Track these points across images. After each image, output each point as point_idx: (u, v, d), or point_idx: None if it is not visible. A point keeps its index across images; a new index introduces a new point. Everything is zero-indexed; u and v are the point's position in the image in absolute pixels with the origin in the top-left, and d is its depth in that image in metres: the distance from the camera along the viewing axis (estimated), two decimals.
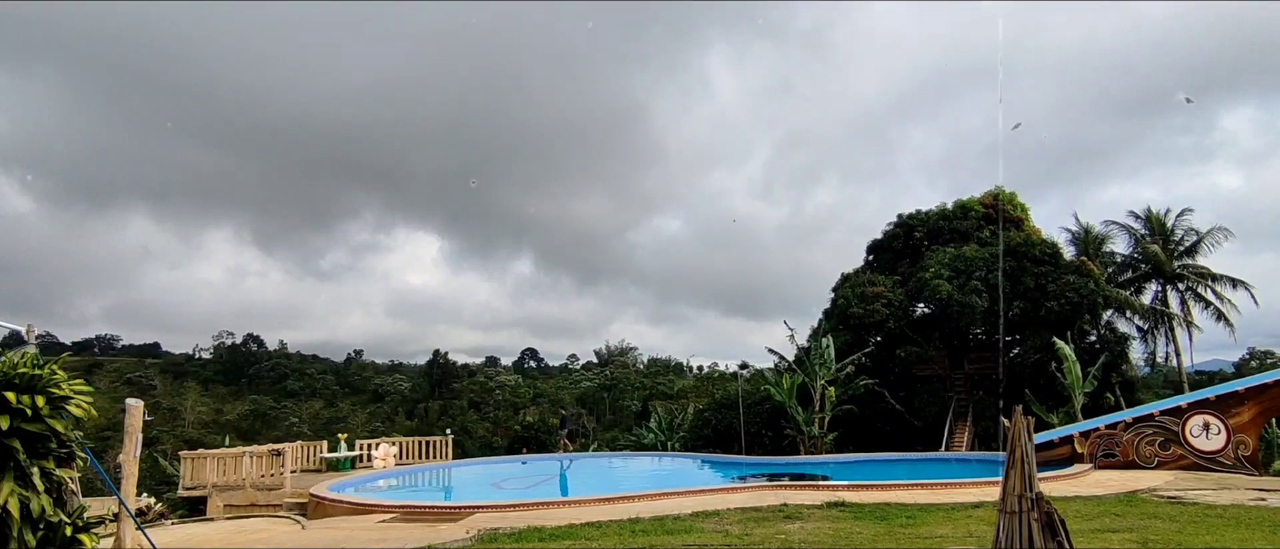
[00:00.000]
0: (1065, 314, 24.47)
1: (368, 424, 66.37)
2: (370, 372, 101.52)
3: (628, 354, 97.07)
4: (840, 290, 28.98)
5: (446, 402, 76.69)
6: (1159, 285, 33.63)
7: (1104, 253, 34.10)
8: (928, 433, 25.73)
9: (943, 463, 20.89)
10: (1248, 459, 16.02)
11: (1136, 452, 16.69)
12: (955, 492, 12.56)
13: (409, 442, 23.68)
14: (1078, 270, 25.70)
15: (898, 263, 29.67)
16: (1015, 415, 5.36)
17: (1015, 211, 29.70)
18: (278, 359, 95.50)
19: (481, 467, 23.52)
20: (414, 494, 18.12)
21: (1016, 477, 5.30)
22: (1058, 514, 5.12)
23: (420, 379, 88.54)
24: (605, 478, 21.73)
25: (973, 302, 24.83)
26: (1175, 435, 16.49)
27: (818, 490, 13.23)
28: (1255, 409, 16.44)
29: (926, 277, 26.13)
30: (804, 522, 9.89)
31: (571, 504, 12.24)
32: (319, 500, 14.00)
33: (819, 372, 23.69)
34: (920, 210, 30.77)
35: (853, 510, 10.74)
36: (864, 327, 26.89)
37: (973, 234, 28.67)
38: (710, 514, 10.70)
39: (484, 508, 12.24)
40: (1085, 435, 17.30)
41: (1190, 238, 33.04)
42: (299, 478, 18.33)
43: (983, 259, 26.03)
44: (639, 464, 25.02)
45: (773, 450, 25.55)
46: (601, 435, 55.01)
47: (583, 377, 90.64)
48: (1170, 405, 17.02)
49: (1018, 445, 5.32)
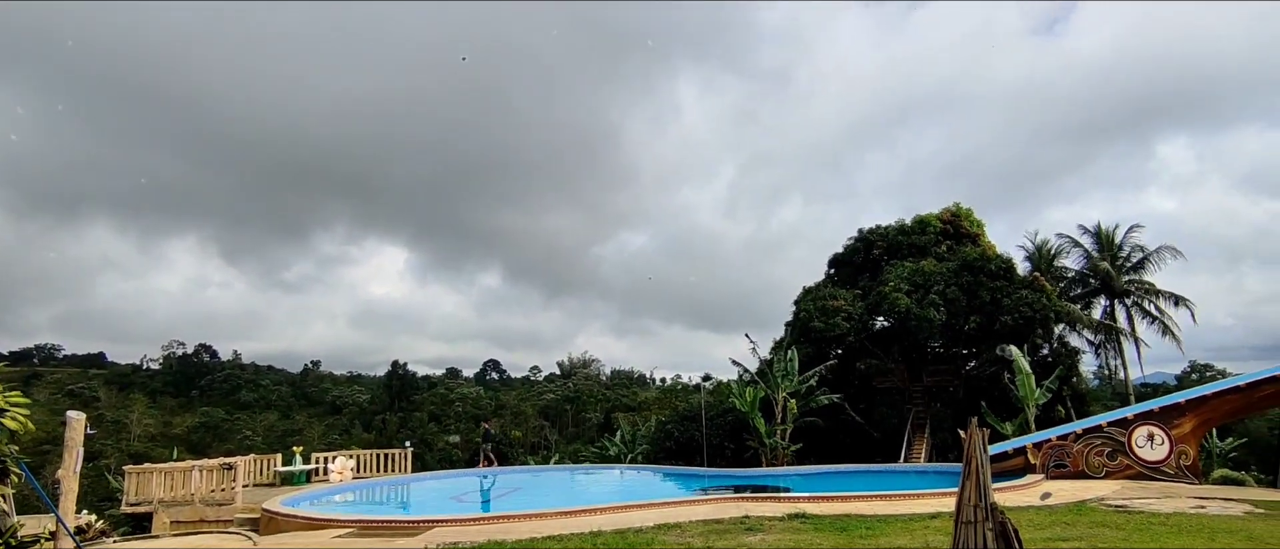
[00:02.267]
0: (1019, 328, 25.10)
1: (325, 437, 64.83)
2: (328, 383, 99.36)
3: (591, 366, 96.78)
4: (802, 304, 29.33)
5: (406, 414, 75.36)
6: (1108, 301, 34.74)
7: (1056, 268, 35.13)
8: (887, 444, 26.09)
9: (901, 474, 21.18)
10: (1188, 468, 16.58)
11: (1086, 462, 17.14)
12: (913, 503, 12.73)
13: (367, 455, 23.18)
14: (1031, 286, 26.41)
15: (858, 277, 30.13)
16: (971, 428, 5.48)
17: (971, 227, 30.43)
18: (231, 370, 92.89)
19: (441, 480, 23.14)
20: (371, 508, 17.72)
21: (972, 488, 5.40)
22: (1011, 524, 5.23)
23: (379, 391, 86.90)
24: (567, 491, 21.55)
25: (931, 315, 25.33)
26: (1122, 446, 16.99)
27: (779, 502, 13.29)
28: (1195, 420, 17.05)
29: (886, 290, 26.59)
30: (765, 533, 9.92)
31: (533, 517, 12.09)
32: (272, 516, 13.60)
33: (781, 384, 23.89)
34: (880, 225, 31.34)
35: (813, 522, 10.82)
36: (825, 340, 27.22)
37: (931, 249, 29.28)
38: (672, 527, 10.68)
39: (443, 522, 12.02)
40: (1038, 447, 17.71)
41: (1138, 254, 34.24)
42: (251, 493, 17.79)
43: (940, 273, 26.59)
44: (601, 477, 24.87)
45: (735, 462, 25.64)
46: (563, 448, 54.63)
47: (545, 388, 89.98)
48: (1117, 417, 17.54)
49: (973, 457, 5.43)
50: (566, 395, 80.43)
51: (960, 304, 26.03)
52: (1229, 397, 17.41)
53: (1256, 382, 17.23)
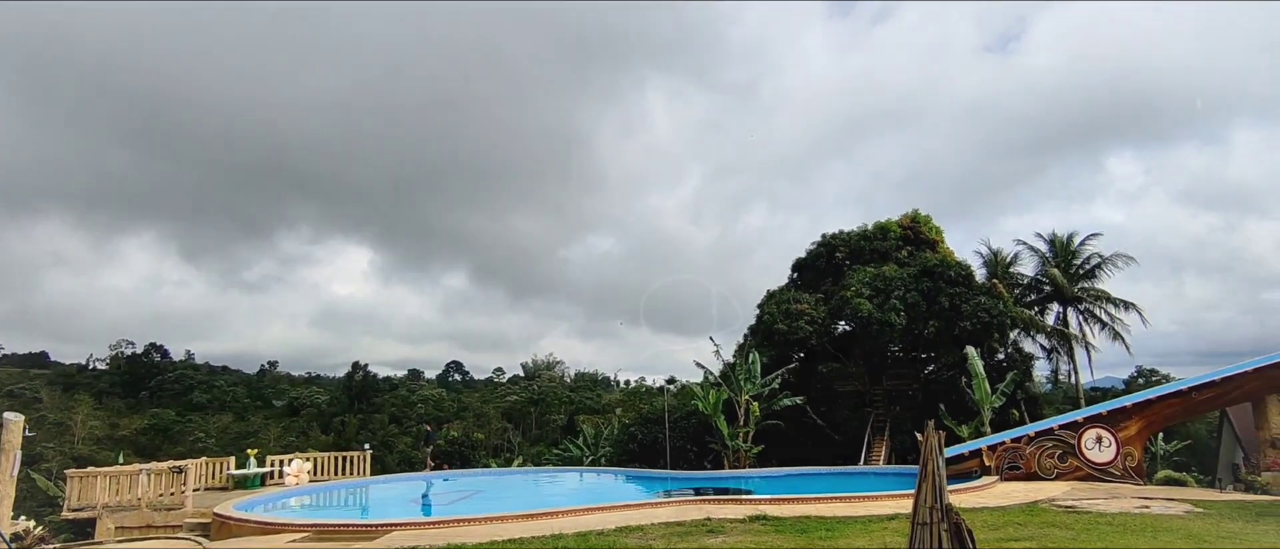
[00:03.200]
0: (977, 333, 25.64)
1: (281, 439, 63.29)
2: (285, 384, 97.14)
3: (555, 368, 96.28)
4: (766, 307, 29.57)
5: (366, 415, 74.05)
6: (1061, 307, 35.70)
7: (1012, 274, 35.98)
8: (847, 447, 26.43)
9: (861, 476, 21.48)
10: (1134, 470, 17.14)
11: (1038, 464, 17.59)
12: (872, 504, 12.92)
13: (324, 457, 22.73)
14: (988, 292, 27.01)
15: (821, 281, 30.48)
16: (927, 432, 5.57)
17: (931, 234, 31.00)
18: (183, 370, 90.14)
19: (401, 483, 22.80)
20: (329, 512, 17.36)
21: (928, 489, 5.50)
22: (965, 524, 5.33)
23: (339, 392, 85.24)
24: (529, 493, 21.39)
25: (891, 319, 25.74)
26: (1072, 448, 17.48)
27: (741, 504, 13.37)
28: (1141, 423, 17.64)
29: (848, 295, 26.96)
30: (726, 536, 9.97)
31: (493, 520, 11.97)
32: (223, 520, 13.23)
33: (744, 387, 24.05)
34: (842, 230, 31.76)
35: (774, 524, 10.91)
36: (788, 343, 27.47)
37: (892, 254, 29.75)
38: (634, 529, 10.67)
39: (402, 526, 11.84)
40: (992, 449, 18.13)
41: (1094, 260, 35.25)
42: (202, 497, 17.31)
43: (901, 279, 27.05)
44: (564, 479, 24.75)
45: (698, 465, 25.73)
46: (526, 450, 54.24)
47: (509, 390, 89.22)
48: (1068, 420, 18.05)
49: (929, 460, 5.52)
50: (530, 397, 79.86)
51: (920, 309, 26.50)
52: (1171, 401, 18.06)
53: (1197, 386, 17.91)
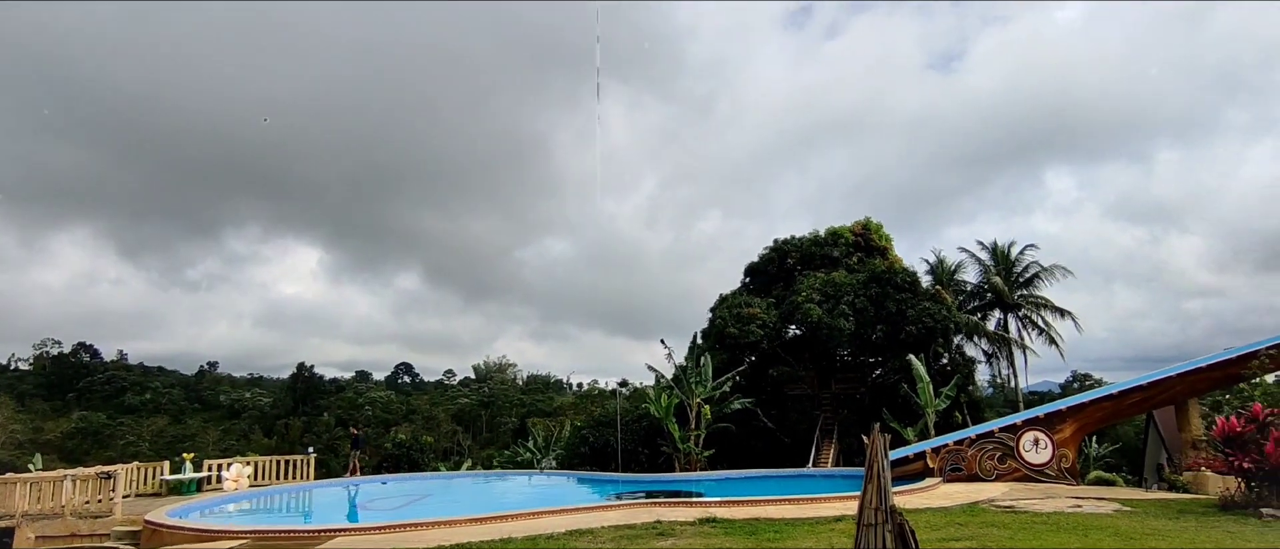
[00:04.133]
0: (922, 338, 26.31)
1: (220, 443, 61.15)
2: (226, 386, 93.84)
3: (506, 371, 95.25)
4: (718, 311, 29.81)
5: (311, 418, 72.04)
6: (1002, 314, 36.92)
7: (956, 281, 37.06)
8: (796, 450, 26.80)
9: (809, 478, 21.78)
10: (1068, 471, 17.79)
11: (979, 465, 18.11)
12: (820, 506, 13.11)
13: (266, 461, 22.01)
14: (934, 298, 27.75)
15: (772, 286, 30.88)
16: (873, 434, 5.67)
17: (880, 241, 31.70)
18: (115, 371, 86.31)
19: (347, 487, 22.24)
20: (269, 518, 16.83)
21: (873, 491, 5.59)
22: (908, 525, 5.44)
23: (282, 394, 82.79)
24: (479, 497, 21.10)
25: (841, 325, 26.22)
26: (1011, 450, 18.06)
27: (691, 507, 13.42)
28: (1075, 425, 18.33)
29: (799, 300, 27.36)
30: (676, 538, 9.99)
31: (442, 525, 11.76)
32: (155, 528, 12.69)
33: (695, 390, 24.17)
34: (794, 236, 32.24)
35: (724, 526, 10.98)
36: (739, 347, 27.74)
37: (842, 260, 30.34)
38: (584, 532, 10.61)
39: (346, 531, 11.55)
40: (936, 451, 18.59)
41: (1033, 269, 36.56)
42: (133, 504, 16.57)
43: (850, 285, 27.58)
44: (514, 483, 24.48)
45: (649, 468, 25.77)
46: (476, 453, 53.50)
47: (459, 393, 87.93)
48: (1007, 423, 18.65)
49: (875, 462, 5.61)
50: (481, 400, 78.88)
51: (868, 314, 27.07)
52: (1103, 404, 18.84)
53: (1126, 390, 18.73)
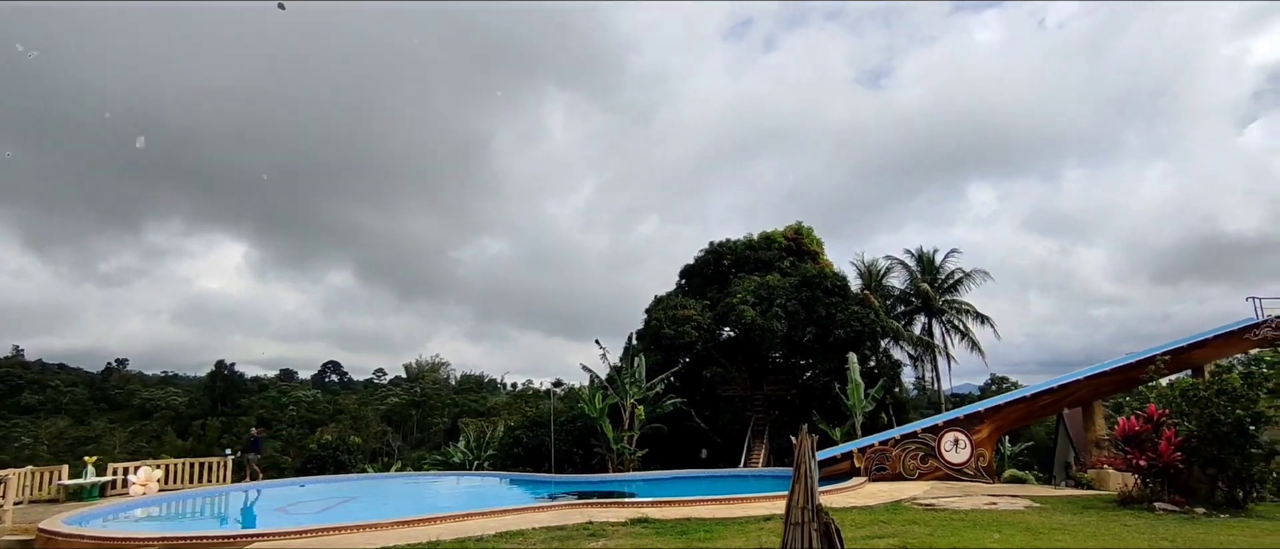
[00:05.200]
0: (851, 341, 27.06)
1: (129, 445, 57.73)
2: (136, 384, 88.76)
3: (439, 370, 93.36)
4: (653, 312, 29.97)
5: (230, 418, 68.89)
6: (926, 318, 38.37)
7: (884, 286, 38.33)
8: (729, 450, 27.19)
9: (741, 479, 22.12)
10: (985, 469, 18.61)
11: (903, 465, 18.75)
12: (750, 506, 13.31)
13: (178, 464, 20.95)
14: (862, 302, 28.59)
15: (708, 288, 31.24)
16: (801, 435, 5.79)
17: (812, 245, 32.47)
18: (8, 368, 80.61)
19: (267, 489, 21.38)
20: (180, 524, 16.03)
21: (800, 491, 5.71)
22: (834, 524, 5.58)
23: (200, 393, 78.94)
24: (408, 499, 20.60)
25: (773, 327, 26.73)
26: (933, 450, 18.76)
27: (623, 508, 13.43)
28: (992, 426, 19.19)
29: (733, 302, 27.76)
30: (607, 539, 9.98)
31: (366, 528, 11.43)
32: (51, 536, 11.91)
33: (630, 390, 24.24)
34: (730, 239, 32.71)
35: (655, 526, 11.03)
36: (674, 348, 27.96)
37: (776, 264, 30.93)
38: (514, 534, 10.49)
39: (265, 536, 11.10)
40: (862, 451, 19.15)
41: (957, 275, 38.12)
42: (26, 511, 15.54)
43: (783, 288, 28.15)
44: (445, 485, 24.03)
45: (583, 468, 25.70)
46: (407, 454, 52.25)
47: (389, 392, 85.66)
48: (929, 424, 19.37)
49: (802, 462, 5.73)
50: (412, 400, 77.03)
51: (800, 317, 27.68)
52: (1018, 405, 19.79)
53: (1038, 393, 19.73)
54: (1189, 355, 19.10)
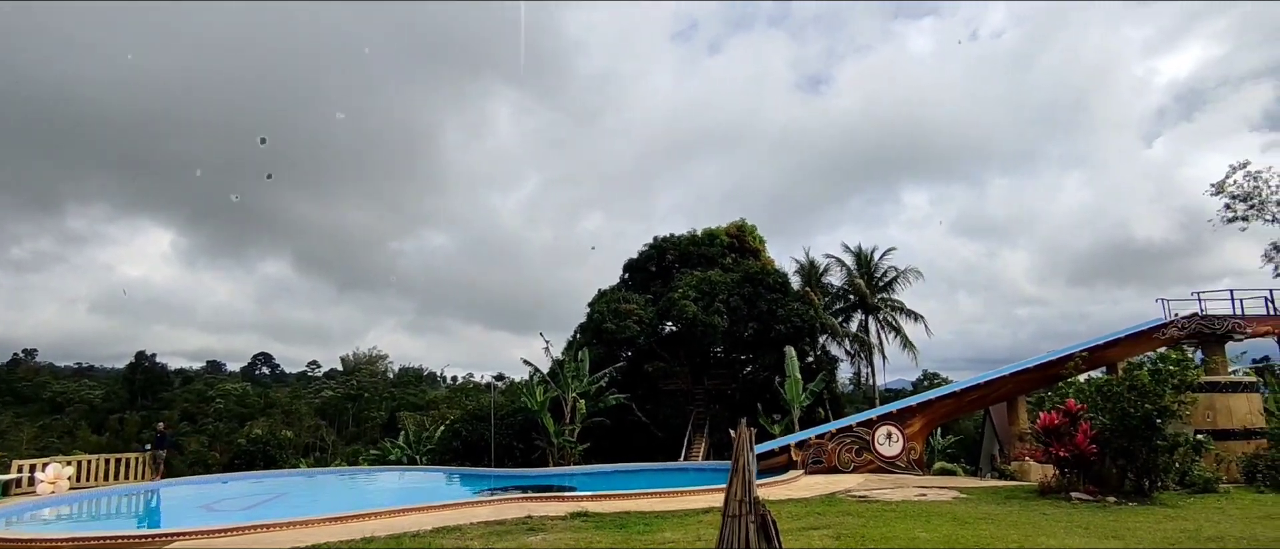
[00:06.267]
0: (791, 336, 27.57)
1: (38, 441, 54.45)
2: (46, 376, 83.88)
3: (377, 363, 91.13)
4: (596, 306, 29.94)
5: (152, 412, 65.75)
6: (863, 315, 39.36)
7: (823, 284, 39.14)
8: (669, 444, 27.38)
9: (680, 472, 22.31)
10: (916, 462, 19.26)
11: (838, 458, 19.25)
12: (689, 499, 13.45)
13: (93, 460, 19.93)
14: (802, 299, 29.17)
15: (651, 283, 31.37)
16: (739, 429, 5.86)
17: (754, 243, 32.94)
18: None
19: (191, 487, 20.54)
20: (94, 524, 15.23)
21: (738, 484, 5.78)
22: (771, 516, 5.67)
23: (117, 386, 75.11)
24: (342, 495, 20.09)
25: (715, 322, 27.03)
26: (867, 443, 19.31)
27: (563, 502, 13.40)
28: (923, 420, 19.87)
29: (675, 297, 27.96)
30: (546, 533, 9.94)
31: (296, 525, 11.09)
32: None
33: (572, 384, 24.17)
34: (673, 234, 32.92)
35: (594, 520, 11.03)
36: (617, 342, 27.99)
37: (718, 260, 31.27)
38: (452, 530, 10.34)
39: (187, 535, 10.64)
40: (800, 445, 19.58)
41: (891, 274, 39.18)
42: None
43: (725, 284, 28.48)
44: (381, 480, 23.53)
45: (524, 463, 25.50)
46: (341, 449, 50.90)
47: (324, 385, 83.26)
48: (864, 418, 19.94)
49: (740, 456, 5.80)
50: (348, 393, 75.01)
51: (741, 313, 28.07)
52: (947, 401, 20.55)
53: (966, 389, 20.53)
54: (1104, 353, 20.17)
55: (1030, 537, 8.83)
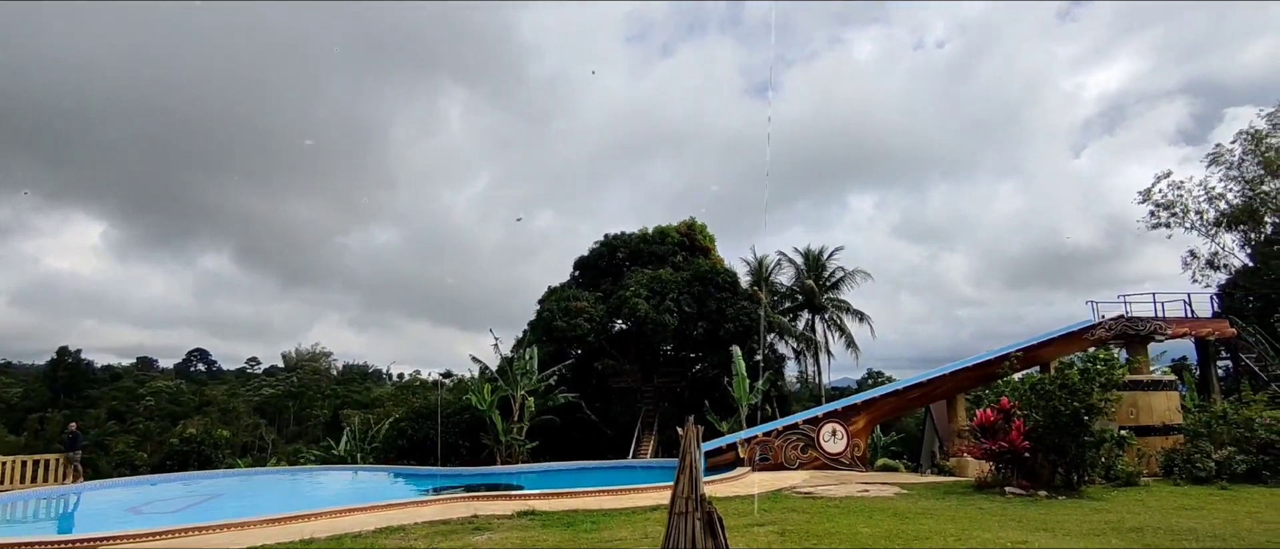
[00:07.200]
0: (739, 335, 27.88)
1: None
2: None
3: (320, 360, 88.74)
4: (546, 303, 29.76)
5: (77, 411, 62.65)
6: (810, 315, 40.08)
7: (772, 283, 39.71)
8: (619, 441, 27.40)
9: (629, 470, 22.33)
10: (860, 458, 19.69)
11: (784, 455, 19.53)
12: (637, 497, 13.46)
13: (9, 462, 18.90)
14: (751, 298, 29.52)
15: (601, 280, 31.32)
16: (687, 426, 5.89)
17: (704, 241, 33.19)
18: None
19: (119, 489, 19.62)
20: (8, 530, 14.42)
21: (685, 481, 5.81)
22: (717, 513, 5.71)
23: (38, 383, 71.37)
24: (281, 495, 19.47)
25: (665, 320, 27.15)
26: (812, 441, 19.65)
27: (510, 500, 13.27)
28: (866, 418, 20.32)
29: (626, 295, 27.98)
30: (493, 532, 9.82)
31: (231, 527, 10.70)
32: None
33: (520, 382, 23.96)
34: (625, 232, 32.94)
35: (542, 519, 10.95)
36: (567, 339, 27.87)
37: (669, 258, 31.41)
38: (395, 530, 10.13)
39: (114, 539, 10.16)
40: (747, 442, 19.80)
41: (838, 274, 40.00)
42: None
43: (676, 282, 28.63)
44: (324, 480, 22.90)
45: (471, 461, 25.19)
46: (282, 449, 49.45)
47: (264, 382, 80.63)
48: (810, 416, 20.28)
49: (687, 453, 5.84)
50: (289, 391, 72.85)
51: (691, 311, 28.26)
52: (890, 399, 21.06)
53: (908, 387, 21.08)
54: (1038, 353, 20.96)
55: (967, 531, 9.12)
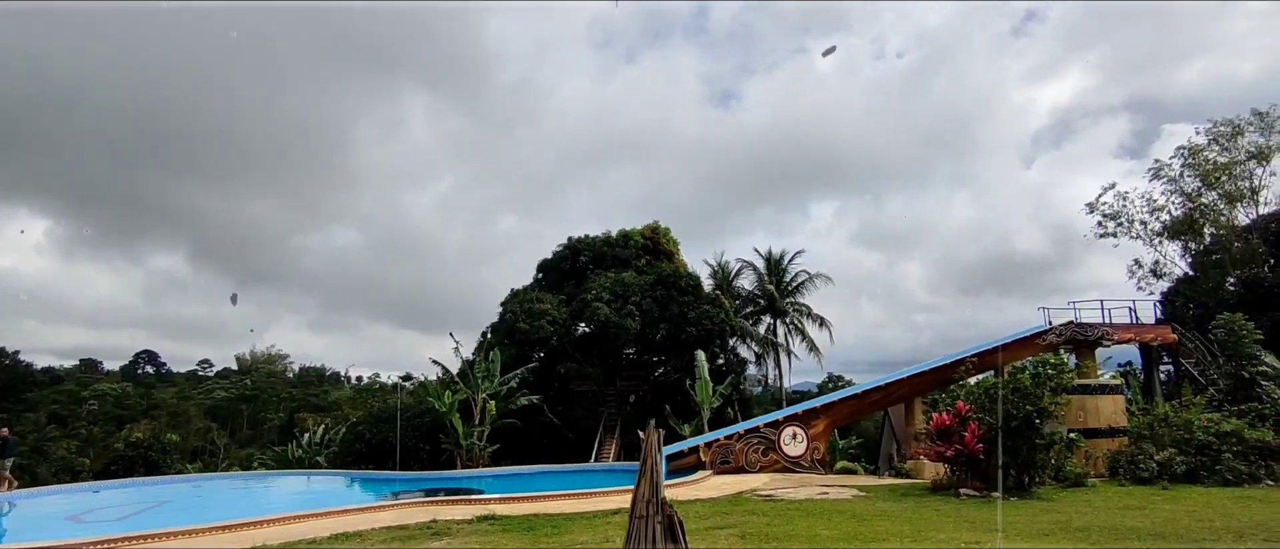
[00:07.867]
0: (702, 339, 28.03)
1: None
2: None
3: (276, 362, 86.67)
4: (509, 306, 29.54)
5: (14, 415, 60.08)
6: (772, 319, 40.49)
7: (734, 287, 40.03)
8: (581, 445, 27.30)
9: (591, 473, 22.27)
10: (820, 461, 19.93)
11: (746, 458, 19.66)
12: (599, 500, 13.42)
13: None
14: (713, 302, 29.70)
15: (564, 283, 31.22)
16: (648, 430, 5.89)
17: (668, 245, 33.31)
18: None
19: (58, 496, 18.87)
20: None
21: (646, 485, 5.80)
22: (677, 517, 5.71)
23: None
24: (233, 501, 18.94)
25: (628, 324, 27.16)
26: (773, 444, 19.82)
27: (470, 505, 13.12)
28: (826, 421, 20.59)
29: (589, 298, 27.92)
30: (452, 538, 9.70)
31: (179, 534, 10.37)
32: None
33: (482, 385, 23.71)
34: (588, 235, 32.88)
35: (502, 523, 10.84)
36: (530, 342, 27.70)
37: (632, 262, 31.44)
38: (352, 536, 9.92)
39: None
40: (708, 446, 19.89)
41: (800, 278, 40.47)
42: None
43: (639, 285, 28.67)
44: (279, 485, 22.35)
45: (431, 465, 24.85)
46: (235, 453, 48.18)
47: (216, 385, 78.40)
48: (770, 419, 20.46)
49: (649, 457, 5.83)
50: (242, 394, 70.96)
51: (654, 315, 28.31)
52: (849, 402, 21.38)
53: (867, 390, 21.42)
54: (992, 357, 21.45)
55: (922, 532, 9.29)
